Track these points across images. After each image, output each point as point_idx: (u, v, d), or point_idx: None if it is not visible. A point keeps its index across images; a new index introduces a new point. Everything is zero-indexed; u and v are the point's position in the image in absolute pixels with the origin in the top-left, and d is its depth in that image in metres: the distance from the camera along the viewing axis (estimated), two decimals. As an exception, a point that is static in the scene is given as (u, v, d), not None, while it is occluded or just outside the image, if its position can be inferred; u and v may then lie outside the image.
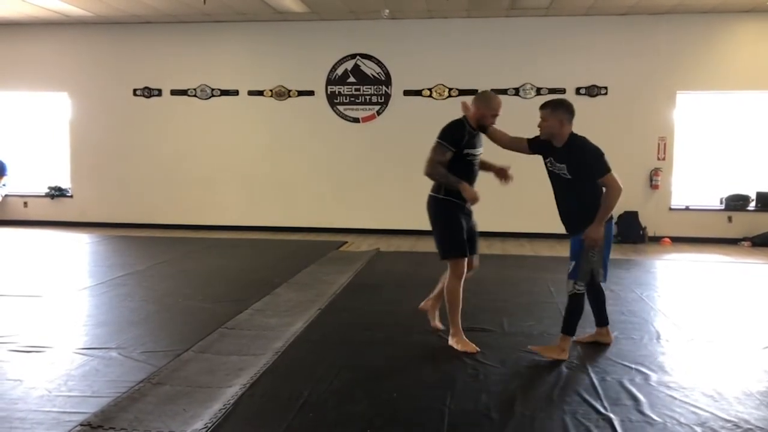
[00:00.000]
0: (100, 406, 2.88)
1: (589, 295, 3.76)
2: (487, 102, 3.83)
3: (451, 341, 3.82)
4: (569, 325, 3.65)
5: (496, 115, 3.82)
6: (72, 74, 10.08)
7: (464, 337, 3.80)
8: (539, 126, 3.68)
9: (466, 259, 3.85)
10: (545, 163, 3.75)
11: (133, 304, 4.96)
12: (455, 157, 3.79)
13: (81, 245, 8.32)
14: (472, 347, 3.71)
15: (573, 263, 3.61)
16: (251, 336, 4.07)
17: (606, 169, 3.51)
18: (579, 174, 3.56)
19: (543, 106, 3.69)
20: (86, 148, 10.13)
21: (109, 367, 3.46)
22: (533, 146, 3.82)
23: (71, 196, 10.27)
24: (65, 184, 10.33)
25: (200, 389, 3.13)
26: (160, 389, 3.12)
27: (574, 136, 3.63)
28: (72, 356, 3.63)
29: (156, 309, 4.80)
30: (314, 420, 2.82)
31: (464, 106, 3.92)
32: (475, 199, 3.77)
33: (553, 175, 3.72)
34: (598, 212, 3.51)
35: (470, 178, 3.84)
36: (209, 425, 2.70)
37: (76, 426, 2.68)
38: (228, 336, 4.07)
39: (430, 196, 3.92)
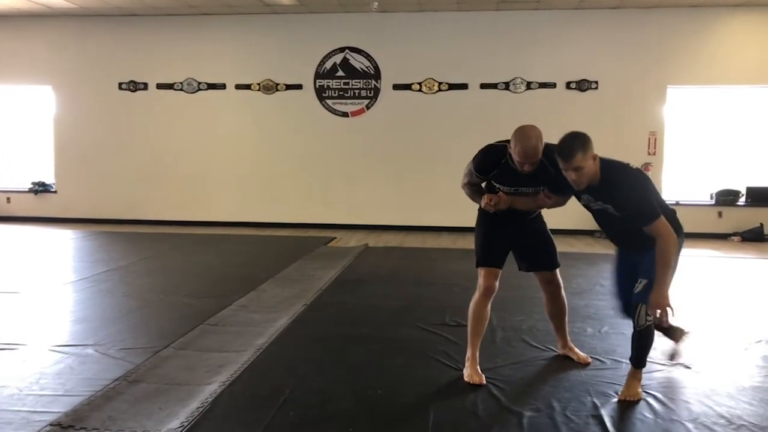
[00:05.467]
0: (72, 406, 2.77)
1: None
2: (512, 140, 2.99)
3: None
4: (642, 359, 3.00)
5: (524, 163, 2.96)
6: (56, 67, 9.90)
7: (477, 365, 3.18)
8: (577, 180, 2.77)
9: (491, 271, 3.23)
10: (579, 201, 3.02)
11: (114, 300, 4.84)
12: (489, 186, 3.24)
13: (65, 241, 8.17)
14: (478, 379, 3.12)
15: (644, 282, 2.83)
16: (234, 332, 3.97)
17: (654, 215, 2.71)
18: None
19: (569, 153, 2.71)
20: (71, 143, 9.96)
21: (84, 364, 3.35)
22: (559, 191, 3.08)
23: (55, 192, 10.11)
24: (49, 179, 10.16)
25: (178, 387, 3.03)
26: (136, 387, 3.02)
27: (606, 167, 2.81)
28: (46, 354, 3.51)
29: (137, 305, 4.68)
30: (295, 418, 2.73)
31: None
32: (488, 205, 3.12)
33: (595, 212, 2.97)
34: (657, 274, 2.72)
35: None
36: (185, 424, 2.60)
37: (45, 426, 2.58)
38: (210, 332, 3.97)
39: None
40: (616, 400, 2.94)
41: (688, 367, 3.39)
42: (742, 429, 2.66)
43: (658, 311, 2.75)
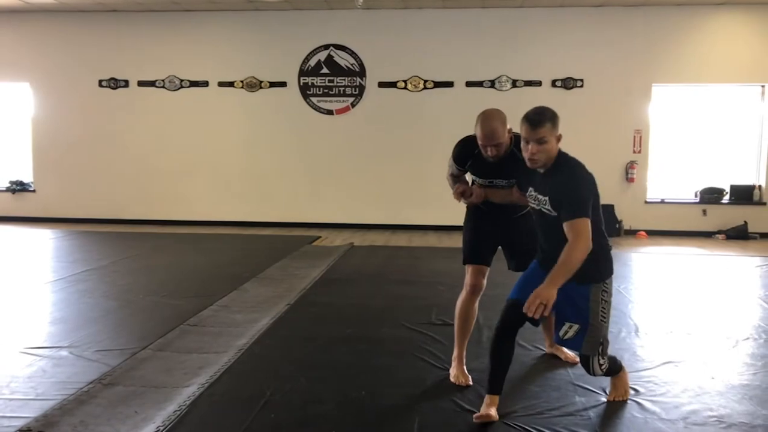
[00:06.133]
0: (42, 410, 2.67)
1: (502, 347, 2.78)
2: (476, 123, 2.93)
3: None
4: (614, 371, 2.85)
5: (486, 146, 2.90)
6: (34, 64, 9.69)
7: (463, 365, 3.16)
8: (536, 153, 2.54)
9: (478, 269, 3.19)
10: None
11: (92, 300, 4.72)
12: (473, 180, 3.20)
13: (43, 241, 7.98)
14: (463, 380, 3.08)
15: (575, 327, 2.62)
16: (214, 333, 3.87)
17: (582, 212, 2.47)
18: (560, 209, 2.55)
19: (538, 121, 2.52)
20: (49, 141, 9.75)
21: (58, 367, 3.24)
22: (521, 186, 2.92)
23: (34, 191, 9.89)
24: (27, 178, 9.94)
25: (155, 389, 2.94)
26: (111, 390, 2.92)
27: (564, 156, 2.62)
28: (18, 356, 3.39)
29: (116, 305, 4.56)
30: (276, 421, 2.64)
31: None
32: (457, 192, 3.13)
33: (535, 212, 2.74)
34: (555, 270, 2.43)
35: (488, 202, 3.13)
36: (161, 428, 2.51)
37: (14, 432, 2.47)
38: (189, 333, 3.86)
39: None
40: (604, 399, 2.89)
41: (676, 366, 3.35)
42: (732, 427, 2.62)
43: (536, 305, 2.39)
